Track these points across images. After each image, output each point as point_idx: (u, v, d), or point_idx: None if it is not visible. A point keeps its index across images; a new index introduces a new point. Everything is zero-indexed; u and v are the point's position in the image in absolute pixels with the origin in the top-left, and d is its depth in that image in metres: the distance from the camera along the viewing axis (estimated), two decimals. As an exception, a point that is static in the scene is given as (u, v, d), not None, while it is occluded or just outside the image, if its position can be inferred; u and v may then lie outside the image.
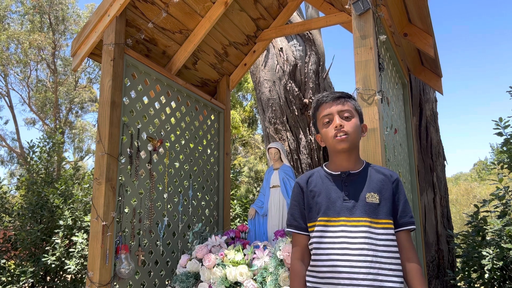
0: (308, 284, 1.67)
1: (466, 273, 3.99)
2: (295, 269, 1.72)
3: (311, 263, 1.68)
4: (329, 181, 1.72)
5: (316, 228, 1.68)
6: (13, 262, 5.29)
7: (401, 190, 1.70)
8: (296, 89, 5.41)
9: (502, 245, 3.70)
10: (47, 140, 5.99)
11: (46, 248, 5.13)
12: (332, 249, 1.62)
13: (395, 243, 1.62)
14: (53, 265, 4.94)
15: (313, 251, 1.68)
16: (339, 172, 1.72)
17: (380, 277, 1.55)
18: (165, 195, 3.40)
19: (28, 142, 5.93)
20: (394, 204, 1.67)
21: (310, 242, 1.71)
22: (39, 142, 5.96)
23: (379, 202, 1.64)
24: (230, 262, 2.77)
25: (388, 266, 1.58)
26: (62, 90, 19.69)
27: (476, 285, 4.03)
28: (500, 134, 4.18)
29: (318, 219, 1.67)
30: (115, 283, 2.78)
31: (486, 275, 3.74)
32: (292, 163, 5.35)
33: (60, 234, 5.04)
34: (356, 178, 1.70)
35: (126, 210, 2.99)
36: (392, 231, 1.63)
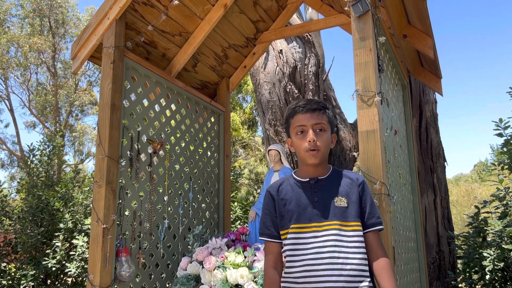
0: None
1: (467, 274, 3.99)
2: (269, 276, 1.75)
3: (285, 270, 1.71)
4: (298, 188, 1.76)
5: (288, 236, 1.71)
6: (14, 265, 5.28)
7: (367, 193, 1.75)
8: (296, 91, 5.41)
9: (503, 246, 3.69)
10: (47, 143, 5.99)
11: (47, 251, 5.13)
12: (305, 255, 1.65)
13: (363, 244, 1.67)
14: (53, 268, 4.94)
15: (287, 258, 1.71)
16: (308, 179, 1.76)
17: (351, 278, 1.60)
18: (166, 198, 3.40)
19: (28, 145, 5.93)
20: (361, 206, 1.72)
21: (283, 249, 1.74)
22: (40, 145, 5.96)
23: (347, 205, 1.69)
24: (230, 264, 2.77)
25: (360, 267, 1.62)
26: (62, 93, 19.70)
27: (477, 287, 4.02)
28: (500, 135, 4.18)
29: (291, 226, 1.71)
30: (115, 286, 2.78)
31: (487, 276, 3.73)
32: (292, 165, 5.35)
33: (61, 237, 5.04)
34: (324, 183, 1.75)
35: (126, 213, 2.99)
36: (360, 232, 1.68)
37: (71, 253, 4.99)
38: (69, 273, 4.89)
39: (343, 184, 1.74)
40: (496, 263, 3.60)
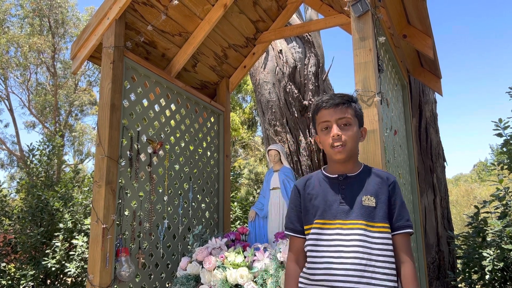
0: (300, 285, 1.68)
1: (467, 274, 3.99)
2: (290, 271, 1.74)
3: (306, 265, 1.68)
4: (326, 184, 1.73)
5: (312, 231, 1.68)
6: (14, 265, 5.28)
7: (397, 193, 1.69)
8: (296, 91, 5.41)
9: (502, 246, 3.69)
10: (47, 143, 5.99)
11: (46, 251, 5.13)
12: (327, 251, 1.62)
13: (391, 247, 1.62)
14: (53, 268, 4.93)
15: (308, 254, 1.68)
16: (336, 175, 1.72)
17: (374, 281, 1.55)
18: (165, 198, 3.40)
19: (28, 145, 5.93)
20: (390, 207, 1.66)
21: (305, 244, 1.71)
22: (39, 145, 5.96)
23: (375, 205, 1.64)
24: (230, 264, 2.77)
25: (382, 270, 1.57)
26: (62, 93, 19.70)
27: (477, 287, 4.02)
28: (500, 135, 4.18)
29: (314, 221, 1.68)
30: (115, 286, 2.78)
31: (487, 276, 3.73)
32: (292, 165, 5.35)
33: (60, 237, 5.04)
34: (353, 181, 1.70)
35: (126, 213, 2.99)
36: (388, 235, 1.62)
37: (71, 253, 4.99)
38: (69, 273, 4.88)
39: (373, 183, 1.68)
40: (495, 263, 3.60)
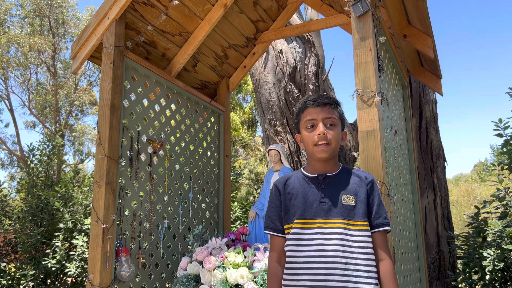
0: (283, 287, 1.68)
1: (467, 274, 3.98)
2: (273, 271, 1.74)
3: (287, 265, 1.69)
4: (306, 184, 1.74)
5: (292, 231, 1.69)
6: (14, 265, 5.28)
7: (376, 192, 1.72)
8: (296, 91, 5.41)
9: (503, 246, 3.69)
10: (47, 143, 5.99)
11: (47, 251, 5.13)
12: (308, 251, 1.63)
13: (370, 244, 1.65)
14: (53, 268, 4.93)
15: (288, 253, 1.69)
16: (316, 175, 1.74)
17: (355, 279, 1.58)
18: (165, 198, 3.40)
19: (28, 145, 5.93)
20: (369, 205, 1.69)
21: (286, 244, 1.72)
22: (39, 145, 5.96)
23: (354, 204, 1.67)
24: (230, 264, 2.77)
25: (363, 268, 1.60)
26: (62, 93, 19.71)
27: (477, 287, 4.02)
28: (500, 135, 4.18)
29: (294, 221, 1.69)
30: (115, 286, 2.78)
31: (487, 277, 3.73)
32: (292, 165, 5.35)
33: (61, 237, 5.04)
34: (332, 180, 1.72)
35: (126, 213, 2.98)
36: (368, 233, 1.65)
37: (71, 253, 4.99)
38: (69, 273, 4.88)
39: (351, 182, 1.71)
40: (496, 263, 3.60)
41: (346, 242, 1.61)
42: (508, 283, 3.76)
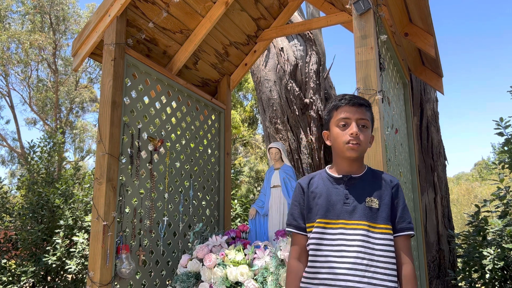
0: (301, 284, 1.69)
1: (467, 273, 3.99)
2: (292, 268, 1.74)
3: (309, 263, 1.69)
4: (330, 184, 1.74)
5: (314, 230, 1.69)
6: (14, 262, 5.29)
7: (400, 196, 1.72)
8: (297, 89, 5.41)
9: (503, 245, 3.70)
10: (47, 140, 6.00)
11: (47, 248, 5.14)
12: (330, 251, 1.63)
13: (392, 248, 1.64)
14: (53, 265, 4.95)
15: (310, 252, 1.69)
16: (341, 175, 1.74)
17: (375, 281, 1.57)
18: (166, 195, 3.40)
19: (28, 142, 5.93)
20: (393, 209, 1.68)
21: (308, 243, 1.72)
22: (40, 142, 5.97)
23: (378, 207, 1.66)
24: (230, 262, 2.77)
25: (383, 271, 1.59)
26: (62, 90, 19.70)
27: (477, 285, 4.03)
28: (501, 134, 4.18)
29: (317, 220, 1.69)
30: (115, 283, 2.78)
31: (487, 275, 3.74)
32: (292, 163, 5.35)
33: (61, 234, 5.05)
34: (357, 182, 1.72)
35: (126, 210, 2.99)
36: (390, 236, 1.64)
37: (71, 250, 5.00)
38: (69, 270, 4.89)
39: (376, 185, 1.71)
40: (496, 262, 3.60)
41: (368, 244, 1.60)
42: (508, 282, 3.76)
